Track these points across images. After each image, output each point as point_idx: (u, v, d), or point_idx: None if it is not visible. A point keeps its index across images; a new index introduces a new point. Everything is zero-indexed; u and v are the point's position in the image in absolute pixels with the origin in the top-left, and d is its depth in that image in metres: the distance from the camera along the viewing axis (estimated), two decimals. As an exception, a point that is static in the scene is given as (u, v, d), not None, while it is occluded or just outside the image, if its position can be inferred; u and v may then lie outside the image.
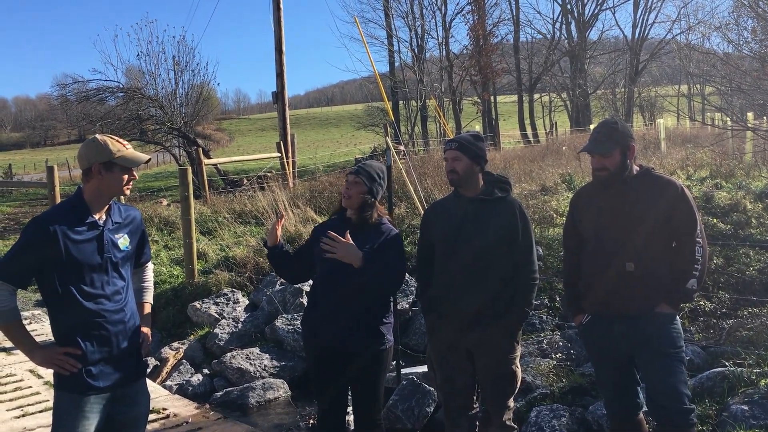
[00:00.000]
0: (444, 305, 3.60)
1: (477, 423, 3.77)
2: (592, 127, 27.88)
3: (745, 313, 5.53)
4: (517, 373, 3.62)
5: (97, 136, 3.07)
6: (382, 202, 4.29)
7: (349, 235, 3.48)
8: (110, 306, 3.01)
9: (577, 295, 3.52)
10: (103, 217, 3.06)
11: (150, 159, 3.26)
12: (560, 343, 5.58)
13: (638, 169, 3.38)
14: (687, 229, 3.24)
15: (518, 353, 3.64)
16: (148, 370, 6.70)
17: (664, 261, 3.27)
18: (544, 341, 5.60)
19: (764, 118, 13.69)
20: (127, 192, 3.11)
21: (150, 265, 3.48)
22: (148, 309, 3.40)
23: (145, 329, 3.29)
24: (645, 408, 3.43)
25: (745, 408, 3.92)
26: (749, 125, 9.09)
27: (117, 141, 3.06)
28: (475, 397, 3.76)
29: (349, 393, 3.76)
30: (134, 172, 3.10)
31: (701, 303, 5.84)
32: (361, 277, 3.45)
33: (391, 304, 3.84)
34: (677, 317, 3.29)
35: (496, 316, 3.51)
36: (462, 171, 3.59)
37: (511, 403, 3.69)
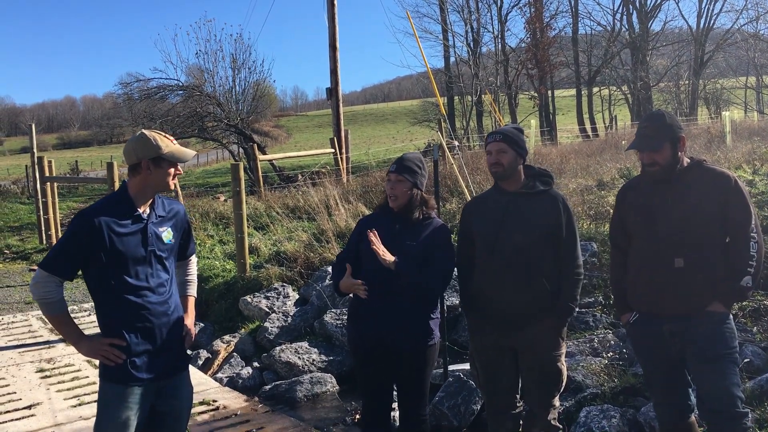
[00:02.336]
0: (486, 303, 3.52)
1: (521, 422, 3.68)
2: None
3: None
4: (563, 371, 3.51)
5: (145, 131, 3.11)
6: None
7: (374, 233, 3.46)
8: (154, 298, 3.06)
9: (624, 292, 3.39)
10: (147, 210, 3.11)
11: (196, 154, 3.29)
12: (612, 342, 5.42)
13: (689, 161, 3.23)
14: (741, 223, 3.07)
15: (563, 350, 3.53)
16: (200, 363, 6.85)
17: (717, 257, 3.11)
18: (596, 340, 5.44)
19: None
20: (172, 186, 3.15)
21: (194, 259, 3.52)
22: (191, 302, 3.44)
23: (189, 322, 3.33)
24: (696, 410, 3.28)
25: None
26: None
27: (165, 137, 3.11)
28: (518, 396, 3.67)
29: (395, 389, 3.73)
30: (180, 167, 3.14)
31: (765, 301, 5.57)
32: (402, 279, 3.41)
33: (439, 300, 3.78)
34: (730, 316, 3.12)
35: (541, 313, 3.42)
36: (507, 164, 3.50)
37: (557, 402, 3.59)
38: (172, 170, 3.12)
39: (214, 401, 5.80)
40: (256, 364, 6.79)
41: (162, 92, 21.86)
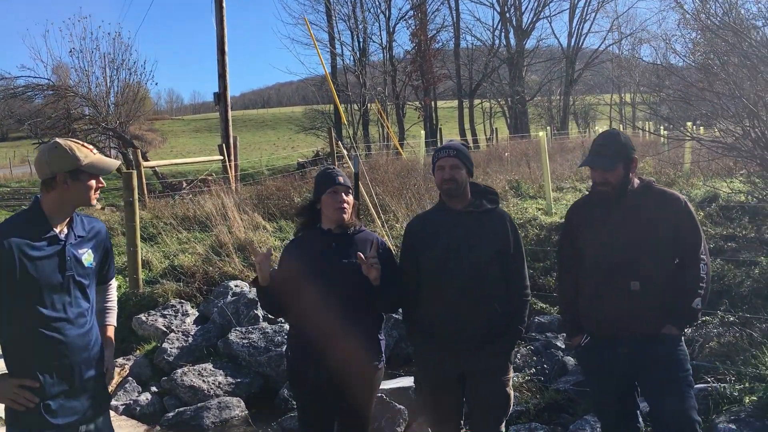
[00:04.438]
0: (435, 327, 3.36)
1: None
2: (532, 134, 28.31)
3: (708, 325, 5.51)
4: (511, 396, 3.42)
5: (59, 140, 2.72)
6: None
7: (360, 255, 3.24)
8: (73, 331, 2.67)
9: (575, 314, 3.34)
10: (65, 230, 2.72)
11: (121, 164, 2.93)
12: (533, 358, 5.44)
13: (638, 182, 3.24)
14: (692, 245, 3.11)
15: (511, 375, 3.44)
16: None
17: (669, 280, 3.13)
18: (518, 356, 5.44)
19: (701, 128, 14.09)
20: (95, 202, 2.77)
21: (114, 283, 3.14)
22: (111, 332, 3.06)
23: (109, 355, 2.96)
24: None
25: (733, 427, 3.84)
26: (688, 134, 9.23)
27: (83, 145, 2.73)
28: (462, 422, 3.54)
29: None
30: (102, 180, 2.77)
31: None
32: (377, 295, 3.23)
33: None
34: (683, 339, 3.15)
35: (491, 337, 3.30)
36: (461, 180, 3.38)
37: (503, 428, 3.48)
38: (93, 183, 2.75)
39: (111, 433, 5.29)
40: (154, 389, 6.28)
41: (29, 92, 20.23)
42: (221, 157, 15.51)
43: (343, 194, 3.36)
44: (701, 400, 4.22)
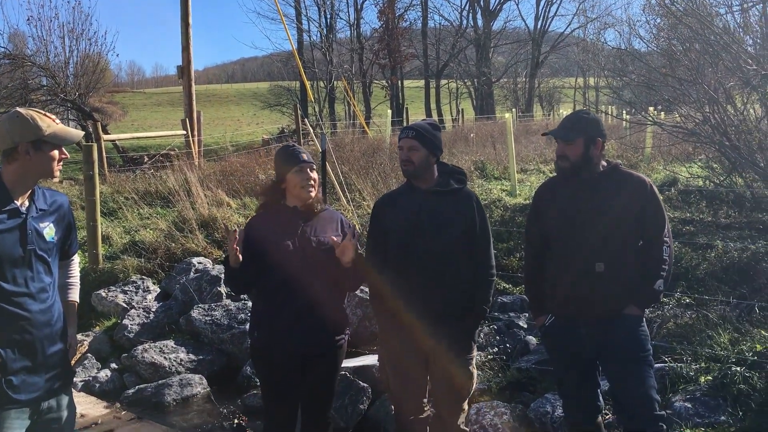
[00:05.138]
0: (399, 304, 3.37)
1: (428, 428, 3.59)
2: (498, 115, 28.46)
3: (666, 306, 5.64)
4: (473, 375, 3.46)
5: (20, 110, 2.64)
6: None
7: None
8: (35, 306, 2.61)
9: (541, 295, 3.38)
10: (26, 203, 2.65)
11: (84, 134, 2.86)
12: (495, 337, 5.50)
13: (605, 165, 3.27)
14: (656, 228, 3.16)
15: (474, 354, 3.48)
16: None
17: (633, 261, 3.18)
18: (480, 334, 5.50)
19: (662, 113, 14.32)
20: (57, 173, 2.70)
21: (77, 258, 3.08)
22: (74, 308, 3.01)
23: (72, 332, 2.91)
24: (603, 410, 3.36)
25: (689, 405, 3.95)
26: (650, 119, 9.38)
27: (45, 115, 2.65)
28: (425, 400, 3.57)
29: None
30: (65, 151, 2.70)
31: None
32: (344, 274, 3.25)
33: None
34: (644, 319, 3.21)
35: (456, 316, 3.33)
36: (418, 162, 3.38)
37: (465, 406, 3.53)
38: (55, 153, 2.68)
39: (70, 409, 5.21)
40: (114, 365, 6.21)
41: (-17, 60, 19.57)
42: (184, 132, 15.26)
43: (309, 171, 3.33)
44: (659, 380, 4.31)
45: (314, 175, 3.35)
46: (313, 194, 3.33)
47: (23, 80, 19.58)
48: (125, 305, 7.02)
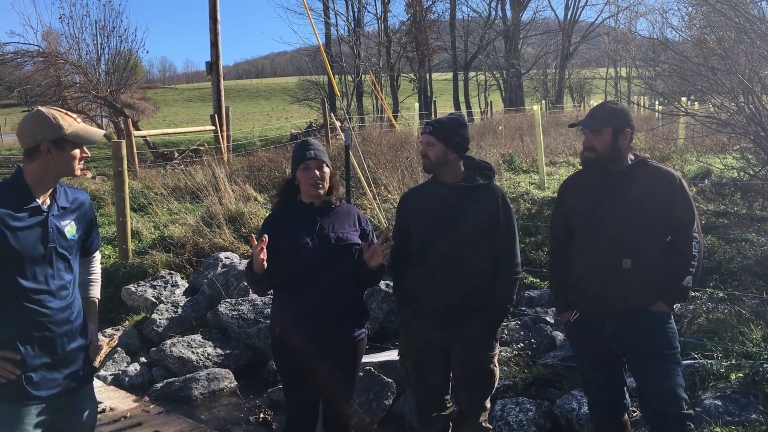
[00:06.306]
0: (420, 300, 3.35)
1: (450, 423, 3.55)
2: (527, 107, 28.16)
3: (697, 301, 5.52)
4: (495, 372, 3.40)
5: (42, 108, 2.65)
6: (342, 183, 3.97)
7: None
8: (55, 304, 2.63)
9: (566, 291, 3.32)
10: (48, 201, 2.67)
11: (112, 132, 2.87)
12: (520, 332, 5.44)
13: (633, 158, 3.19)
14: (685, 223, 3.07)
15: (497, 351, 3.43)
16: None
17: (660, 257, 3.09)
18: (505, 330, 5.44)
19: (696, 103, 14.02)
20: (78, 172, 2.72)
21: (98, 255, 3.10)
22: (95, 306, 3.03)
23: (93, 329, 2.93)
24: (630, 408, 3.29)
25: (719, 403, 3.85)
26: (682, 109, 9.16)
27: (67, 114, 2.67)
28: (448, 397, 3.54)
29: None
30: (86, 150, 2.71)
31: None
32: (363, 270, 3.25)
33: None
34: (672, 316, 3.13)
35: (475, 311, 3.28)
36: (434, 157, 3.33)
37: (488, 403, 3.48)
38: (77, 152, 2.69)
39: (99, 402, 5.28)
40: (143, 359, 6.29)
41: (19, 58, 19.92)
42: (213, 128, 15.38)
43: (315, 169, 3.28)
44: (688, 377, 4.23)
45: (324, 171, 3.31)
46: (321, 191, 3.30)
47: (56, 78, 19.87)
48: (154, 300, 7.10)
